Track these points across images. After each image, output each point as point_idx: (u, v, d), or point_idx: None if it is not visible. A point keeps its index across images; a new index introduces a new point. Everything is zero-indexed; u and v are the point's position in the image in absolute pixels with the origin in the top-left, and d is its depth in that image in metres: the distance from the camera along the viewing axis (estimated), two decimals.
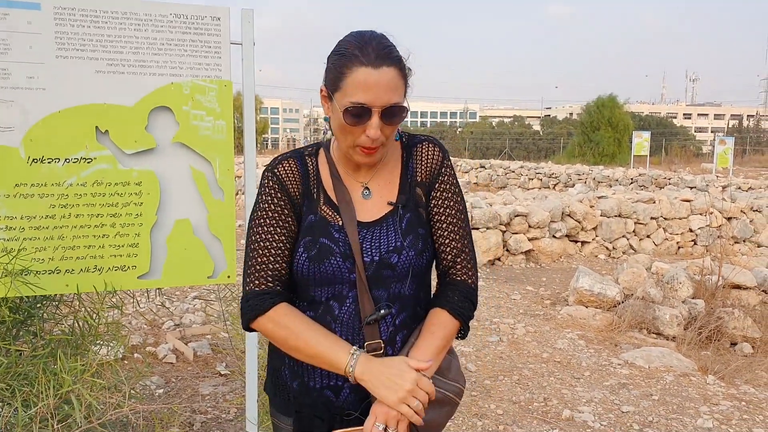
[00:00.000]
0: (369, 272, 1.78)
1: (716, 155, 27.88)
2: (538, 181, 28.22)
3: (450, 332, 1.84)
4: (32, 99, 2.58)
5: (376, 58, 1.68)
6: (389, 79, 1.69)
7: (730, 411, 4.92)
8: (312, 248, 1.78)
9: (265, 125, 61.50)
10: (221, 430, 4.31)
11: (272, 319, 1.78)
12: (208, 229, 2.86)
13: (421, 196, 1.89)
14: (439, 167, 1.90)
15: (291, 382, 1.87)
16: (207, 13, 2.78)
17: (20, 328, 2.88)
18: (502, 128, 70.33)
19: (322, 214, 1.82)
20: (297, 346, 1.76)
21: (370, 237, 1.80)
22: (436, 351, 1.78)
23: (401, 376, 1.68)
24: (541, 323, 7.25)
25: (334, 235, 1.79)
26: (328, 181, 1.86)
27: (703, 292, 7.48)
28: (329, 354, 1.72)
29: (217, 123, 2.82)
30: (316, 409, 1.83)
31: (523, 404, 4.97)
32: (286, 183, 1.84)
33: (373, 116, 1.69)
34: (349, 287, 1.78)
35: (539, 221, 11.17)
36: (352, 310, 1.78)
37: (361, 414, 1.77)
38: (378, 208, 1.85)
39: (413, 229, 1.84)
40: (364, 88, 1.67)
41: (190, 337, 6.15)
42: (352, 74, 1.68)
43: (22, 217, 2.60)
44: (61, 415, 2.46)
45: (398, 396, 1.66)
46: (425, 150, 1.91)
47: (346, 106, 1.68)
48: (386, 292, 1.80)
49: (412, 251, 1.81)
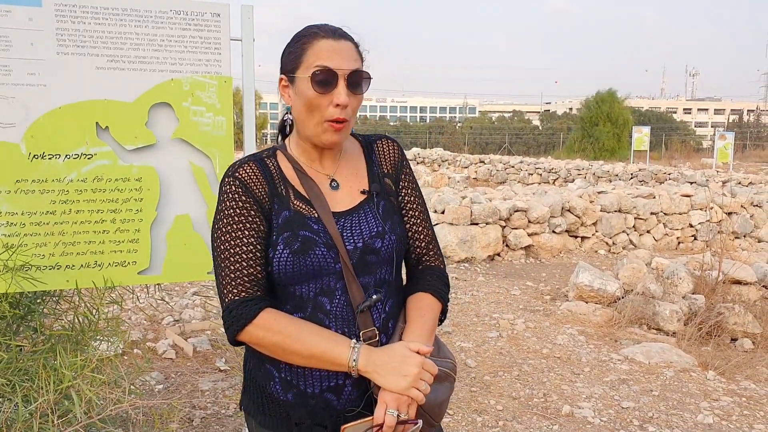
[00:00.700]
0: (354, 260, 1.77)
1: (716, 150, 27.84)
2: (538, 176, 28.19)
3: (436, 313, 1.90)
4: (33, 95, 2.58)
5: (334, 32, 1.78)
6: (349, 49, 1.78)
7: (731, 407, 4.93)
8: (294, 242, 1.73)
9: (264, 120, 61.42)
10: (221, 425, 4.32)
11: (261, 326, 1.70)
12: (208, 224, 2.86)
13: (390, 185, 1.94)
14: (401, 161, 1.98)
15: (284, 395, 1.79)
16: (207, 9, 2.78)
17: (20, 323, 2.88)
18: (501, 123, 70.25)
19: (295, 208, 1.79)
20: (294, 350, 1.70)
21: (349, 225, 1.81)
22: (430, 332, 1.83)
23: (405, 361, 1.69)
24: (541, 319, 7.25)
25: (313, 227, 1.76)
26: (294, 178, 1.84)
27: (703, 288, 7.48)
28: (329, 351, 1.68)
29: (217, 119, 2.82)
30: (316, 418, 1.78)
31: (523, 400, 4.98)
32: (249, 185, 1.79)
33: (339, 81, 1.73)
34: (336, 278, 1.76)
35: (539, 216, 11.17)
36: (344, 301, 1.76)
37: (363, 409, 1.75)
38: (350, 197, 1.86)
39: (390, 215, 1.88)
40: (327, 54, 1.74)
41: (190, 332, 6.15)
42: (313, 47, 1.75)
43: (23, 212, 2.60)
44: (61, 411, 2.47)
45: (406, 381, 1.67)
46: (386, 145, 1.98)
47: (313, 70, 1.72)
48: (373, 279, 1.81)
49: (394, 235, 1.84)
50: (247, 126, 2.94)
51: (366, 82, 1.79)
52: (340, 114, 1.74)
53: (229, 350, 5.50)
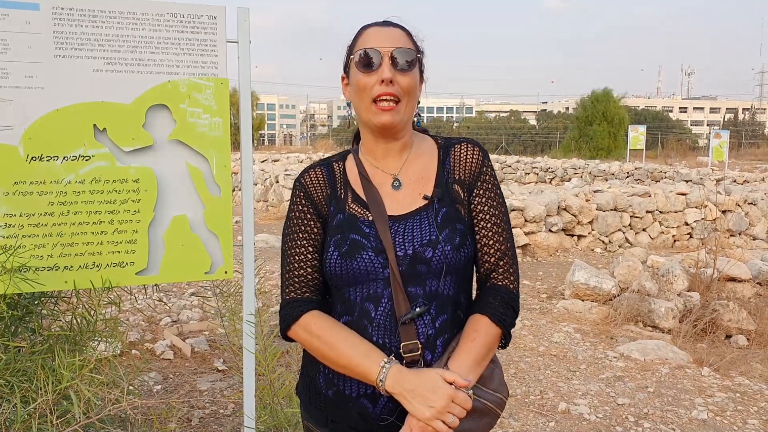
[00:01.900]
0: (402, 267, 1.72)
1: (712, 149, 27.89)
2: (535, 175, 28.22)
3: (491, 340, 1.75)
4: (31, 98, 2.59)
5: (384, 22, 1.82)
6: (397, 33, 1.79)
7: (725, 402, 4.96)
8: (342, 245, 1.75)
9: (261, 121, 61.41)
10: (219, 425, 4.34)
11: (304, 328, 1.77)
12: (205, 225, 2.88)
13: (459, 192, 1.83)
14: (480, 167, 1.86)
15: (326, 390, 1.82)
16: (203, 12, 2.80)
17: (19, 324, 2.89)
18: (498, 123, 70.21)
19: (350, 211, 1.80)
20: (329, 357, 1.74)
21: (402, 230, 1.75)
22: (477, 360, 1.72)
23: (435, 391, 1.62)
24: (538, 317, 7.28)
25: (365, 230, 1.76)
26: (356, 181, 1.85)
27: (698, 285, 7.52)
28: (360, 366, 1.67)
29: (213, 120, 2.84)
30: (351, 421, 1.78)
31: (520, 397, 5.00)
32: (310, 190, 1.86)
33: (383, 59, 1.74)
34: (383, 285, 1.72)
35: (535, 215, 11.20)
36: (388, 309, 1.72)
37: (396, 419, 1.71)
38: (410, 200, 1.81)
39: (450, 224, 1.77)
40: (372, 39, 1.77)
41: (188, 333, 6.17)
42: (361, 36, 1.80)
43: (21, 214, 2.62)
44: (60, 411, 2.48)
45: (431, 413, 1.60)
46: (464, 149, 1.88)
47: (357, 54, 1.77)
48: (422, 290, 1.73)
49: (449, 246, 1.73)
50: (244, 127, 2.96)
51: (413, 62, 1.77)
52: (386, 89, 1.73)
53: (226, 351, 5.51)
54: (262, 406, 3.45)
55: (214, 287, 3.84)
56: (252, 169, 2.98)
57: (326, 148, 41.85)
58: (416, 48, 1.81)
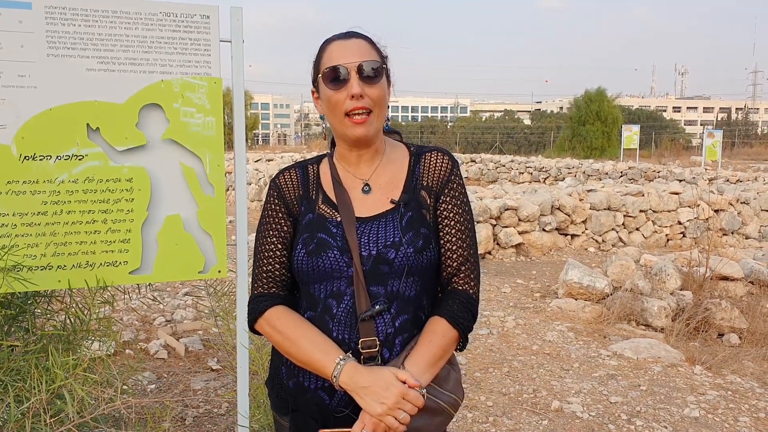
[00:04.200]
0: (366, 267, 1.78)
1: (705, 148, 27.96)
2: (529, 175, 28.28)
3: (448, 342, 1.81)
4: (24, 97, 2.59)
5: (346, 34, 1.86)
6: (359, 45, 1.84)
7: (717, 400, 4.98)
8: (310, 243, 1.82)
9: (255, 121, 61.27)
10: (213, 424, 4.34)
11: (268, 322, 1.84)
12: (199, 224, 2.88)
13: (426, 198, 1.89)
14: (449, 175, 1.92)
15: (287, 381, 1.89)
16: (196, 11, 2.80)
17: (12, 324, 2.90)
18: (492, 122, 70.26)
19: (319, 211, 1.87)
20: (290, 351, 1.81)
21: (368, 232, 1.82)
22: (432, 361, 1.77)
23: (387, 388, 1.68)
24: (531, 316, 7.30)
25: (332, 230, 1.83)
26: (328, 183, 1.92)
27: (691, 284, 7.55)
28: (317, 361, 1.75)
29: (207, 120, 2.84)
30: (309, 412, 1.84)
31: (513, 396, 5.02)
32: (283, 190, 1.92)
33: (351, 75, 1.79)
34: (347, 283, 1.79)
35: (529, 215, 11.22)
36: (350, 306, 1.78)
37: (352, 411, 1.77)
38: (378, 204, 1.87)
39: (414, 228, 1.83)
40: (337, 54, 1.82)
41: (182, 332, 6.17)
42: (326, 52, 1.85)
43: (14, 213, 2.61)
44: (53, 410, 2.48)
45: (382, 408, 1.67)
46: (435, 158, 1.94)
47: (324, 72, 1.81)
48: (384, 289, 1.79)
49: (411, 248, 1.79)
50: (237, 128, 2.96)
51: (380, 71, 1.83)
52: (356, 103, 1.78)
53: (220, 350, 5.52)
54: (256, 405, 3.46)
55: (208, 287, 3.84)
56: (245, 168, 2.99)
57: (320, 147, 41.66)
58: (381, 56, 1.87)
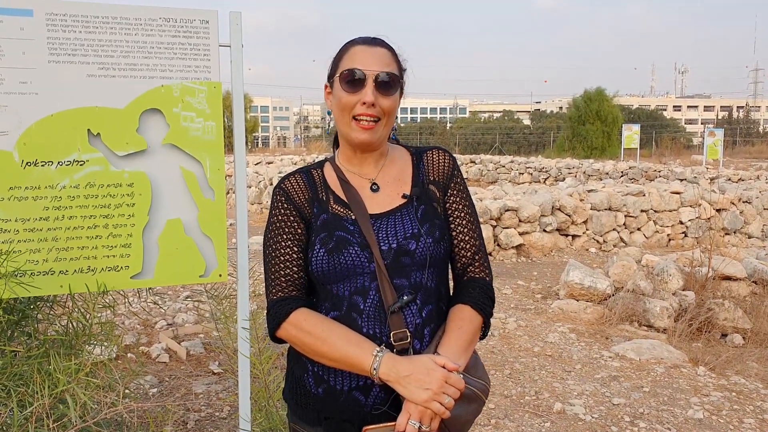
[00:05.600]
0: (387, 260, 1.80)
1: (706, 147, 27.95)
2: (529, 175, 28.28)
3: (475, 328, 1.86)
4: (25, 103, 2.60)
5: (372, 40, 1.87)
6: (382, 54, 1.85)
7: (721, 402, 4.98)
8: (329, 242, 1.82)
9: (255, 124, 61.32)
10: (215, 428, 4.34)
11: (294, 325, 1.81)
12: (200, 228, 2.88)
13: (435, 192, 1.94)
14: (452, 170, 1.98)
15: (316, 389, 1.86)
16: (196, 16, 2.81)
17: (15, 329, 2.90)
18: (492, 123, 70.23)
19: (333, 211, 1.88)
20: (322, 352, 1.78)
21: (385, 226, 1.84)
22: (465, 346, 1.80)
23: (429, 374, 1.68)
24: (533, 317, 7.30)
25: (349, 228, 1.84)
26: (336, 185, 1.93)
27: (693, 284, 7.54)
28: (353, 356, 1.73)
29: (207, 124, 2.84)
30: (344, 415, 1.82)
31: (515, 398, 5.02)
32: (292, 194, 1.91)
33: (367, 81, 1.80)
34: (370, 278, 1.80)
35: (529, 215, 11.22)
36: (376, 301, 1.79)
37: (389, 408, 1.76)
38: (390, 200, 1.90)
39: (429, 219, 1.87)
40: (359, 58, 1.83)
41: (183, 336, 6.17)
42: (348, 52, 1.86)
43: (17, 219, 2.62)
44: (56, 415, 2.48)
45: (427, 395, 1.67)
46: (436, 155, 1.99)
47: (343, 72, 1.82)
48: (407, 281, 1.81)
49: (430, 238, 1.83)
50: (237, 132, 2.96)
51: (396, 84, 1.86)
52: (367, 110, 1.80)
53: (222, 353, 5.52)
54: (258, 409, 3.46)
55: (209, 290, 3.84)
56: (245, 171, 2.99)
57: (320, 149, 41.78)
58: (399, 68, 1.90)
